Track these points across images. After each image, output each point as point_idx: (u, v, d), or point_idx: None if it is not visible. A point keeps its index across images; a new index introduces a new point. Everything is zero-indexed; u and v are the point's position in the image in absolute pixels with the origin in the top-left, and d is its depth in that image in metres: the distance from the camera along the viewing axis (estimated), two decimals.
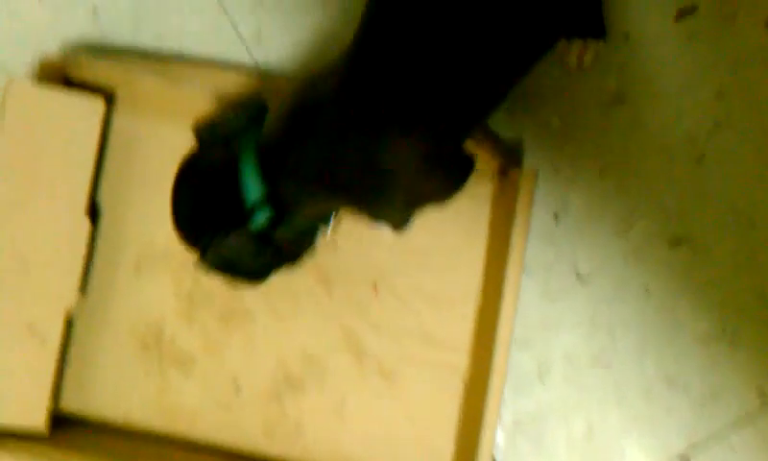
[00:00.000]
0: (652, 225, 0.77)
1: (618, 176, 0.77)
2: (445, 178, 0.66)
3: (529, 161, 0.77)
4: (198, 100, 0.77)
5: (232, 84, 0.77)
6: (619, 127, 0.77)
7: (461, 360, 0.77)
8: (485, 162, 0.75)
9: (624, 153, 0.77)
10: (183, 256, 0.79)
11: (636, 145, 0.77)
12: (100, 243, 0.80)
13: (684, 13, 0.77)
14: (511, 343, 0.70)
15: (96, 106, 0.77)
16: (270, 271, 0.71)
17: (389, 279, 0.78)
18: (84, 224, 0.77)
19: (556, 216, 0.77)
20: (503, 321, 0.70)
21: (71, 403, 0.79)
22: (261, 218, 0.64)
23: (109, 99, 0.79)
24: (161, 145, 0.80)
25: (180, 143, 0.71)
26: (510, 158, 0.75)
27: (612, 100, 0.78)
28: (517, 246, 0.70)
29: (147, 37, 0.83)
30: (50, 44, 0.83)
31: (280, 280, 0.78)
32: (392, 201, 0.64)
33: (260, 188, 0.63)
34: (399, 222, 0.72)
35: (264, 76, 0.80)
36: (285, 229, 0.66)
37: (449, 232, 0.77)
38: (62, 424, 0.78)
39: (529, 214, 0.70)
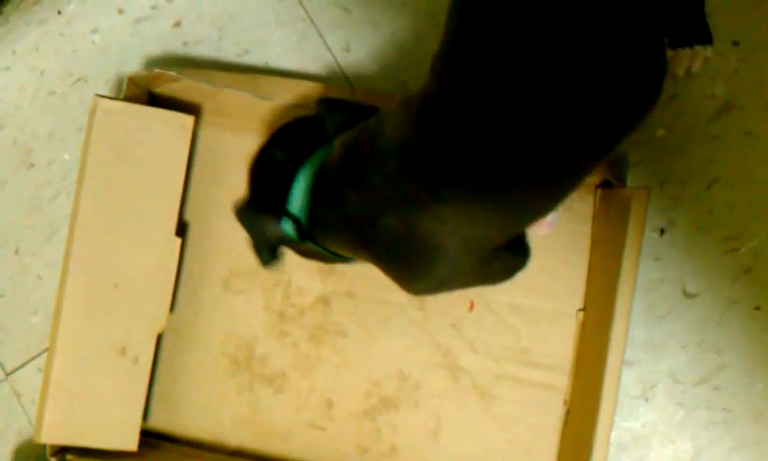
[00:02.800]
0: (762, 241, 0.74)
1: (727, 189, 0.74)
2: (489, 266, 0.62)
3: (633, 174, 0.74)
4: (284, 113, 0.76)
5: (319, 96, 0.75)
6: (728, 137, 0.74)
7: (561, 381, 0.74)
8: None
9: (733, 164, 0.74)
10: (273, 273, 0.78)
11: (746, 156, 0.74)
12: (188, 260, 0.79)
13: None
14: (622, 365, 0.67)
15: (185, 123, 0.76)
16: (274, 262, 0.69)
17: (485, 296, 0.76)
18: (175, 244, 0.76)
19: (662, 232, 0.74)
20: (614, 343, 0.67)
21: (159, 421, 0.79)
22: (288, 228, 0.64)
23: (195, 113, 0.78)
24: (248, 159, 0.78)
25: None
26: (612, 171, 0.72)
27: (721, 109, 0.74)
28: (630, 267, 0.66)
29: (231, 50, 0.81)
30: (133, 57, 0.82)
31: (372, 297, 0.77)
32: (422, 273, 0.59)
33: (301, 203, 0.63)
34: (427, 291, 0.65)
35: (351, 87, 0.78)
36: (309, 247, 0.65)
37: (548, 249, 0.74)
38: (150, 441, 0.78)
39: (642, 233, 0.66)
